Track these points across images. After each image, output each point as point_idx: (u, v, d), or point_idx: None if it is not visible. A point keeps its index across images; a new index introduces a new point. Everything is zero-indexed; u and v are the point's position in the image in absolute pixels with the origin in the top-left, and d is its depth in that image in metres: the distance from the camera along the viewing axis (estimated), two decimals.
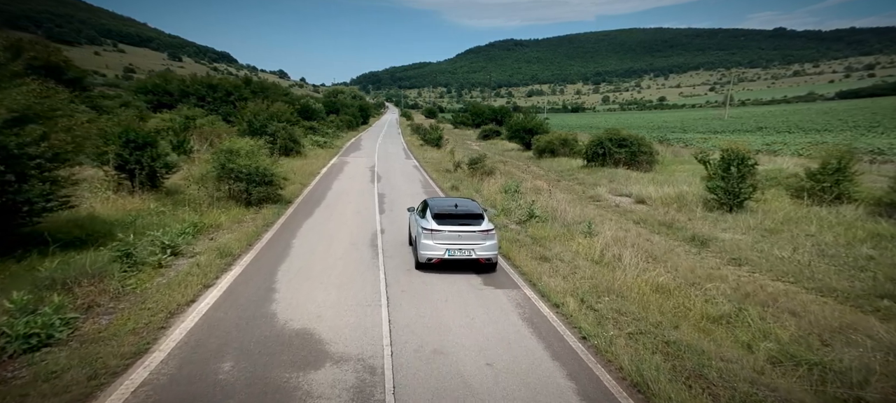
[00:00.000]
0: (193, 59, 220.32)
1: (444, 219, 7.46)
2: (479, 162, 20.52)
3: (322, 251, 8.44)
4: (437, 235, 7.27)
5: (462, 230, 7.34)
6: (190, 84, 31.40)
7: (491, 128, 48.51)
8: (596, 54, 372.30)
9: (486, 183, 17.72)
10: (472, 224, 7.48)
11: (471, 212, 7.84)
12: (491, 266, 7.58)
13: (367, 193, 15.12)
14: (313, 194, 14.24)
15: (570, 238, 9.36)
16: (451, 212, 7.68)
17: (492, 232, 7.51)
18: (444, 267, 7.44)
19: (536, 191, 15.25)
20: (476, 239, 7.33)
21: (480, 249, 7.31)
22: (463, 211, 7.80)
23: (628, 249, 8.07)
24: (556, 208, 11.80)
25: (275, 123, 23.37)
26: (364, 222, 11.03)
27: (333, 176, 19.06)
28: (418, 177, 20.06)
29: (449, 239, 7.26)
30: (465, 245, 7.28)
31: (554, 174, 20.62)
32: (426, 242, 7.29)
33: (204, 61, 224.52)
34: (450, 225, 7.37)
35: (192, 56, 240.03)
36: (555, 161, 24.55)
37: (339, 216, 11.51)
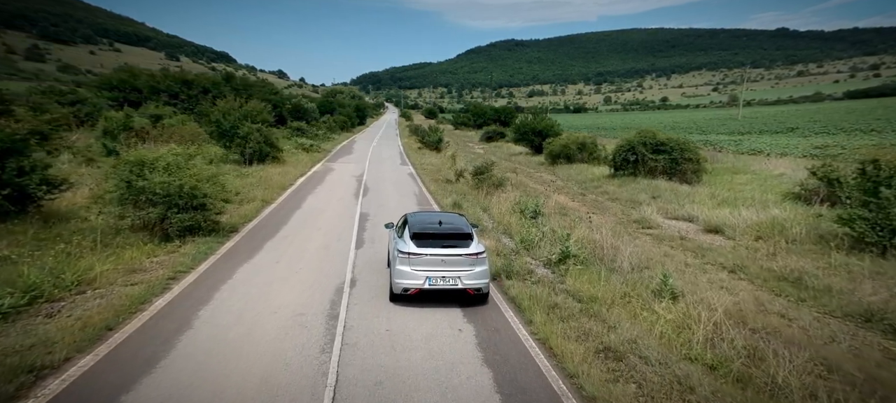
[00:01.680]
0: (191, 59, 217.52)
1: (424, 240, 6.17)
2: (486, 171, 17.19)
3: (238, 337, 5.12)
4: (416, 260, 6.00)
5: (446, 254, 6.03)
6: (160, 79, 28.14)
7: (495, 130, 45.25)
8: (597, 54, 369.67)
9: (495, 199, 14.40)
10: (458, 245, 6.17)
11: (457, 231, 6.45)
12: (481, 297, 6.35)
13: (345, 215, 11.82)
14: (273, 217, 10.93)
15: (636, 300, 6.05)
16: (434, 232, 6.35)
17: (483, 256, 6.21)
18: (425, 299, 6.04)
19: (562, 211, 11.96)
20: (463, 265, 6.07)
21: (469, 277, 6.06)
22: (448, 230, 6.44)
23: (762, 338, 4.69)
24: (598, 241, 8.49)
25: (247, 124, 20.07)
26: (329, 266, 7.74)
27: (310, 188, 15.74)
28: (413, 190, 16.75)
29: (430, 265, 6.01)
30: (449, 272, 6.04)
31: (576, 185, 17.26)
32: (402, 268, 6.01)
33: (202, 61, 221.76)
34: (432, 247, 6.07)
35: (191, 55, 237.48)
36: (572, 168, 21.20)
37: (294, 255, 8.20)
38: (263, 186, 14.45)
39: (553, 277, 7.58)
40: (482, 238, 10.01)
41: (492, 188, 16.06)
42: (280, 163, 20.72)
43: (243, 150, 19.81)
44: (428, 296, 6.09)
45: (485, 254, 6.25)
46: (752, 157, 21.69)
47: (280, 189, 14.53)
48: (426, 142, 32.19)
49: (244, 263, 7.53)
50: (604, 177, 17.80)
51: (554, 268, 7.95)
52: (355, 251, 8.68)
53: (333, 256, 8.24)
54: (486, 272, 6.17)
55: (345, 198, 14.39)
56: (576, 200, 14.20)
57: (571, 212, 12.23)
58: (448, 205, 13.51)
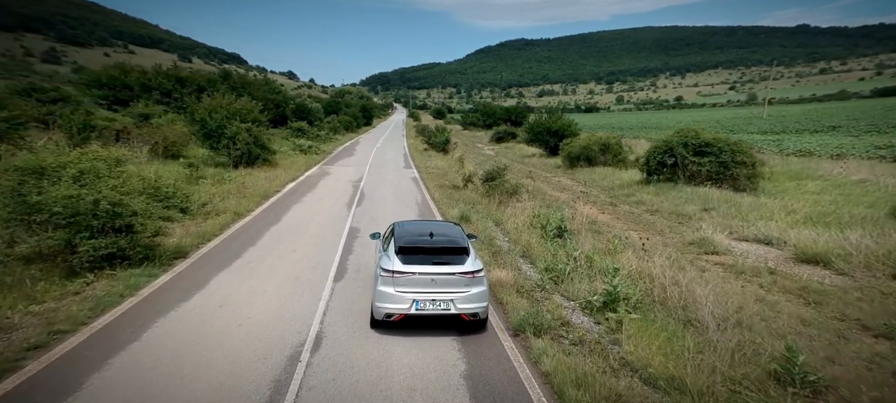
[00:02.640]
0: (203, 61, 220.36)
1: (412, 255, 5.14)
2: (498, 176, 15.00)
3: None
4: (402, 280, 4.98)
5: (438, 272, 5.01)
6: (152, 77, 26.64)
7: (505, 130, 42.96)
8: (609, 53, 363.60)
9: (509, 209, 12.21)
10: (452, 262, 5.14)
11: (451, 245, 5.41)
12: (479, 323, 5.31)
13: (330, 231, 9.77)
14: (240, 236, 8.92)
15: (750, 391, 3.81)
16: (424, 245, 5.31)
17: (481, 276, 5.16)
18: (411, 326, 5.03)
19: (592, 227, 9.68)
20: (458, 286, 5.04)
21: (464, 300, 5.04)
22: (440, 243, 5.40)
23: None
24: (655, 276, 6.24)
25: (235, 124, 18.23)
26: (291, 312, 5.71)
27: (297, 197, 13.77)
28: (415, 197, 14.65)
29: (418, 286, 5.00)
30: (441, 294, 5.02)
31: (602, 193, 14.90)
32: (384, 290, 5.01)
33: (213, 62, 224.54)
34: (420, 263, 5.05)
35: (203, 57, 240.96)
36: (595, 172, 18.82)
37: (247, 295, 6.15)
38: (242, 194, 12.51)
39: (600, 333, 5.37)
40: (497, 263, 7.86)
41: (505, 196, 13.87)
42: (271, 167, 18.85)
43: (230, 152, 18.02)
44: (416, 323, 5.16)
45: (483, 273, 5.25)
46: (804, 159, 19.00)
47: (261, 197, 12.56)
48: (432, 144, 30.10)
49: (171, 310, 5.48)
50: (634, 184, 15.41)
51: (598, 317, 5.74)
52: (332, 285, 6.61)
53: (301, 295, 6.17)
54: (484, 294, 5.20)
55: (335, 208, 12.35)
56: (606, 212, 11.89)
57: (605, 229, 9.94)
58: (455, 218, 11.36)
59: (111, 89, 25.47)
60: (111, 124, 18.35)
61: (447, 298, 4.99)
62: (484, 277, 5.22)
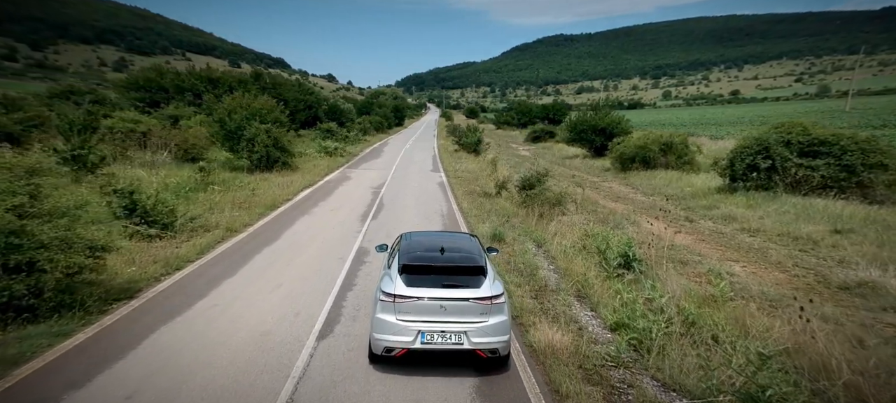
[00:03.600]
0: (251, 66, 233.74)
1: (417, 275, 4.21)
2: (538, 182, 12.70)
3: None
4: (405, 306, 4.09)
5: (448, 297, 4.07)
6: (185, 78, 26.85)
7: (542, 129, 39.98)
8: (656, 46, 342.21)
9: (553, 226, 9.91)
10: (465, 283, 4.17)
11: (465, 262, 4.37)
12: (499, 361, 4.30)
13: (333, 255, 8.07)
14: (221, 262, 7.26)
15: None
16: (432, 263, 4.30)
17: (500, 303, 4.15)
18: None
19: (673, 253, 7.16)
20: (472, 315, 4.09)
21: (480, 332, 4.07)
22: (452, 260, 4.37)
23: None
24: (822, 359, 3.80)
25: (255, 125, 17.30)
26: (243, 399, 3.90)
27: (308, 206, 12.31)
28: (440, 207, 12.72)
29: (424, 314, 4.09)
30: (452, 324, 4.07)
31: (671, 204, 12.03)
32: (385, 318, 4.12)
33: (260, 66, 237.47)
34: (428, 285, 4.13)
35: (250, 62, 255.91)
36: (655, 177, 15.85)
37: (188, 366, 4.46)
38: (247, 204, 11.21)
39: None
40: (543, 309, 5.72)
41: (547, 207, 11.55)
42: (290, 171, 17.75)
43: (251, 154, 17.11)
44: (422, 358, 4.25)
45: (504, 299, 4.25)
46: None
47: (266, 208, 11.18)
48: (463, 144, 28.07)
49: (64, 396, 3.87)
50: (713, 192, 12.41)
51: None
52: (313, 348, 4.79)
53: (261, 372, 4.38)
54: (505, 325, 4.19)
55: (346, 222, 10.70)
56: (683, 231, 9.22)
57: (689, 256, 7.39)
58: (486, 236, 9.29)
59: (147, 91, 25.95)
60: (136, 127, 18.09)
61: (459, 330, 4.09)
62: (505, 304, 4.26)
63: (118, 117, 17.88)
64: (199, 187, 12.69)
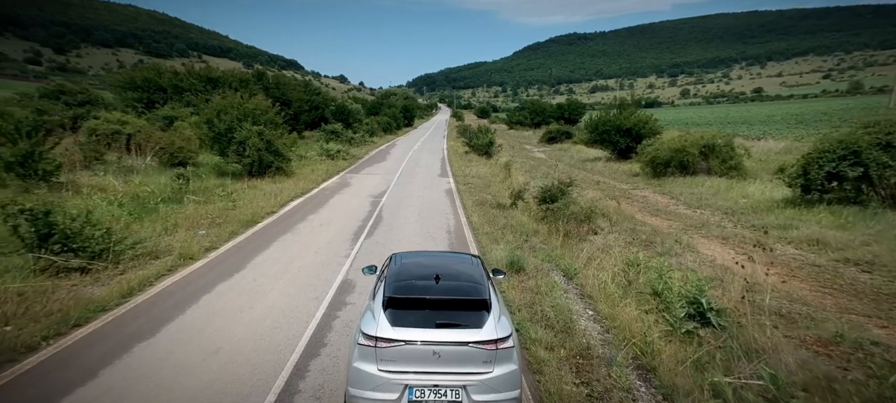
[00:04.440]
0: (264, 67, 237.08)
1: (405, 310, 3.31)
2: (562, 194, 10.79)
3: None
4: (389, 353, 3.16)
5: (443, 341, 3.14)
6: (184, 77, 25.73)
7: (558, 129, 37.78)
8: (673, 44, 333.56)
9: (585, 250, 8.00)
10: (465, 321, 3.25)
11: (464, 292, 3.46)
12: None
13: (308, 292, 6.37)
14: (145, 313, 5.42)
15: None
16: (423, 295, 3.38)
17: (509, 348, 3.19)
18: None
19: (769, 306, 5.19)
20: (472, 364, 3.16)
21: (482, 388, 3.14)
22: (448, 291, 3.44)
23: None
24: None
25: (246, 127, 15.82)
26: None
27: (293, 222, 10.67)
28: (446, 221, 10.91)
29: (413, 363, 3.16)
30: (447, 376, 3.15)
31: (729, 220, 9.87)
32: (363, 368, 3.19)
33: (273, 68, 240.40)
34: (418, 324, 3.21)
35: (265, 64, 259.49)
36: (695, 183, 13.69)
37: None
38: (221, 219, 9.63)
39: None
40: (591, 392, 3.87)
41: (573, 224, 9.64)
42: (285, 176, 16.23)
43: (241, 159, 15.65)
44: None
45: (513, 342, 3.19)
46: None
47: (242, 224, 9.57)
48: (474, 146, 26.21)
49: None
50: (780, 205, 10.22)
51: None
52: None
53: None
54: (514, 378, 3.17)
55: (335, 241, 9.01)
56: (759, 259, 7.15)
57: (793, 308, 5.38)
58: (501, 261, 7.47)
59: (145, 91, 24.92)
60: (122, 128, 16.85)
61: (457, 384, 3.12)
62: (514, 349, 3.24)
63: (103, 118, 16.66)
64: (176, 197, 11.21)
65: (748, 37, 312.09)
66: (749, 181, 13.04)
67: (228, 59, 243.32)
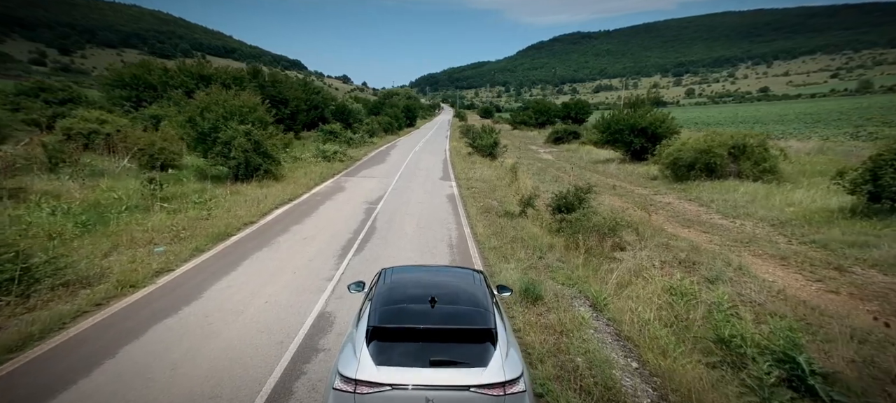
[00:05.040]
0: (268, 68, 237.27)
1: (393, 344, 2.76)
2: (579, 203, 9.50)
3: None
4: (372, 400, 2.54)
5: (438, 385, 2.53)
6: (174, 74, 24.60)
7: (565, 129, 36.37)
8: (678, 43, 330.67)
9: (612, 271, 6.67)
10: (464, 359, 2.67)
11: (465, 320, 2.89)
12: None
13: (269, 335, 5.09)
14: (12, 382, 4.22)
15: None
16: (415, 325, 2.82)
17: (519, 392, 2.56)
18: None
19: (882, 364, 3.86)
20: None
21: None
22: (445, 319, 2.89)
23: None
24: None
25: (231, 126, 14.59)
26: None
27: (274, 234, 9.41)
28: (447, 232, 9.60)
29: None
30: None
31: (780, 233, 8.41)
32: None
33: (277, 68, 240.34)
34: (407, 361, 2.64)
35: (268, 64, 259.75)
36: (725, 188, 12.29)
37: None
38: (189, 232, 8.37)
39: None
40: None
41: (595, 237, 8.32)
42: (274, 180, 15.00)
43: (227, 161, 14.43)
44: None
45: (524, 386, 2.60)
46: None
47: (212, 238, 8.30)
48: (477, 147, 24.90)
49: None
50: (840, 215, 8.79)
51: None
52: None
53: None
54: None
55: (319, 258, 7.73)
56: (839, 288, 5.74)
57: None
58: (513, 283, 6.16)
59: (133, 89, 23.82)
60: (101, 127, 15.69)
61: None
62: (527, 395, 2.59)
63: (79, 116, 15.50)
64: (144, 205, 9.99)
65: (754, 35, 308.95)
66: (786, 185, 11.62)
67: (232, 60, 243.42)
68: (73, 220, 7.89)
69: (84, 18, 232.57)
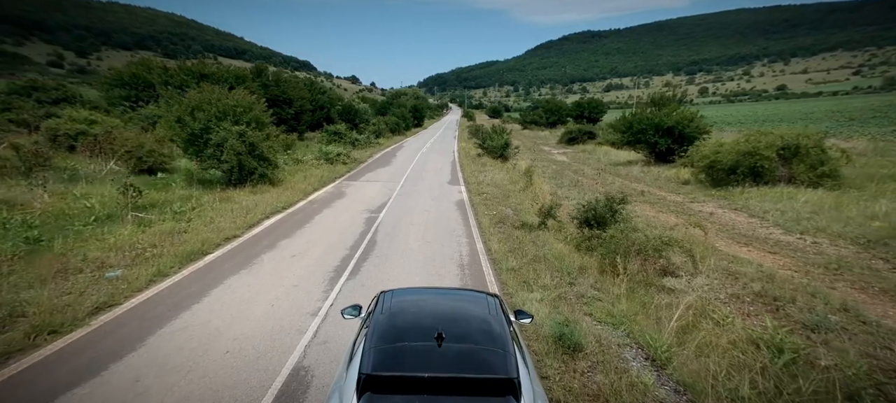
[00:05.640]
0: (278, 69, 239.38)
1: (389, 394, 2.15)
2: (613, 217, 8.12)
3: None
4: None
5: None
6: (175, 73, 23.77)
7: (580, 129, 34.72)
8: (691, 41, 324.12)
9: (674, 316, 5.24)
10: None
11: (480, 366, 2.26)
12: None
13: (225, 400, 3.80)
14: None
15: None
16: (418, 374, 2.19)
17: None
18: None
19: None
20: None
21: None
22: (456, 365, 2.25)
23: None
24: None
25: (224, 126, 13.49)
26: None
27: (259, 249, 8.20)
28: (456, 250, 8.25)
29: None
30: None
31: (883, 260, 6.70)
32: None
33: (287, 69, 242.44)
34: None
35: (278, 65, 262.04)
36: (775, 196, 10.69)
37: None
38: (157, 249, 7.20)
39: None
40: None
41: (637, 260, 6.90)
42: (270, 185, 13.87)
43: (219, 164, 13.34)
44: None
45: None
46: None
47: (182, 258, 7.10)
48: (487, 148, 23.52)
49: None
50: None
51: None
52: None
53: None
54: None
55: (307, 281, 6.48)
56: None
57: None
58: (542, 321, 4.84)
59: (132, 88, 23.05)
60: (90, 128, 14.75)
61: None
62: None
63: (66, 116, 14.58)
64: (117, 215, 8.88)
65: (771, 32, 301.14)
66: (851, 192, 9.98)
67: (243, 61, 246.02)
68: (24, 235, 6.78)
69: (100, 21, 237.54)
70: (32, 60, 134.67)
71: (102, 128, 15.16)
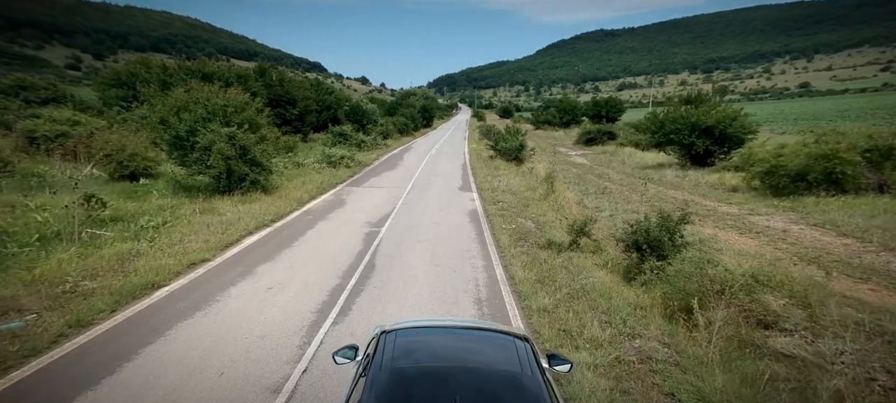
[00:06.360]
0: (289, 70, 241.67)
1: None
2: (672, 241, 6.34)
3: None
4: None
5: None
6: (174, 72, 22.66)
7: (599, 129, 32.66)
8: (708, 38, 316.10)
9: (765, 374, 3.47)
10: None
11: None
12: None
13: None
14: None
15: None
16: None
17: None
18: None
19: None
20: None
21: None
22: None
23: None
24: None
25: (212, 128, 12.06)
26: None
27: (226, 282, 6.65)
28: (472, 275, 6.57)
29: None
30: None
31: None
32: None
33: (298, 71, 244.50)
34: None
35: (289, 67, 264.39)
36: (866, 208, 8.67)
37: None
38: (102, 278, 5.73)
39: None
40: None
41: (720, 302, 5.11)
42: (263, 192, 12.43)
43: (207, 170, 11.92)
44: None
45: None
46: None
47: (123, 296, 5.56)
48: (500, 150, 21.78)
49: None
50: None
51: None
52: None
53: None
54: None
55: (282, 326, 4.89)
56: None
57: None
58: (601, 399, 3.13)
59: (130, 88, 22.02)
60: (72, 129, 13.55)
61: None
62: None
63: (45, 117, 13.40)
64: (69, 233, 7.46)
65: (792, 29, 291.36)
66: None
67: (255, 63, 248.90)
68: None
69: (118, 24, 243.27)
70: (51, 63, 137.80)
71: (87, 130, 13.95)
